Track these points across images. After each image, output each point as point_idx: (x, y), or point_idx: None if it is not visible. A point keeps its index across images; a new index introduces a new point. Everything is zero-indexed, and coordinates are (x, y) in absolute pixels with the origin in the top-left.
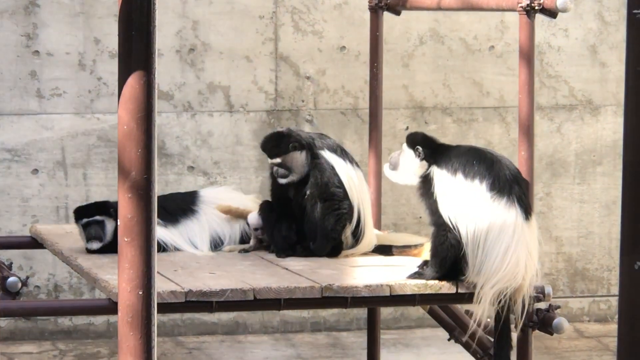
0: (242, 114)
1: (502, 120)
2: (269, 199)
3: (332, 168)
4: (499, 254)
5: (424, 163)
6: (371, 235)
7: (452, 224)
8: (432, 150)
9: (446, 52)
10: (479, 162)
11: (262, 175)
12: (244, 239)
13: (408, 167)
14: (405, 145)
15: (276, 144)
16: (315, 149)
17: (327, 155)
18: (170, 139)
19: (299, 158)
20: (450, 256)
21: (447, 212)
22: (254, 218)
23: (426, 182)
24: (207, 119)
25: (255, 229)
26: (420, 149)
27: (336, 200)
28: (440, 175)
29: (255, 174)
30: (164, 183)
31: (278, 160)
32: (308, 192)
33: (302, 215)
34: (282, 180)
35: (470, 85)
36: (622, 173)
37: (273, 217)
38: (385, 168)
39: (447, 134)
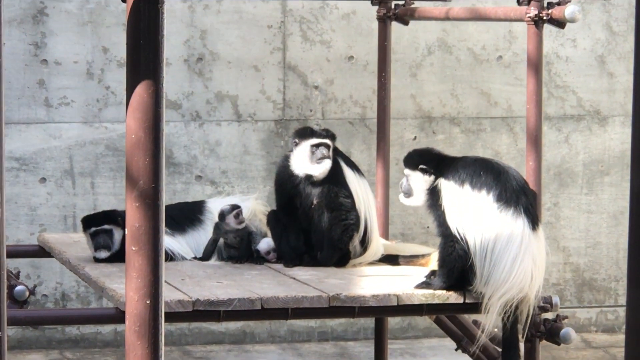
0: (250, 123)
1: (509, 130)
2: (275, 208)
3: (343, 178)
4: (507, 265)
5: (432, 177)
6: (378, 245)
7: (459, 235)
8: (437, 163)
9: (454, 62)
10: (485, 172)
11: (270, 184)
12: (252, 250)
13: (421, 188)
14: (407, 170)
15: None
16: (336, 154)
17: (342, 164)
18: (178, 148)
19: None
20: (457, 267)
21: (455, 223)
22: (264, 243)
23: (433, 194)
24: (215, 128)
25: (267, 253)
26: (424, 167)
27: (344, 210)
28: (448, 187)
29: (262, 183)
30: (172, 192)
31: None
32: (315, 202)
33: (309, 224)
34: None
35: (478, 95)
36: (630, 184)
37: (280, 226)
38: (401, 198)
39: (454, 144)
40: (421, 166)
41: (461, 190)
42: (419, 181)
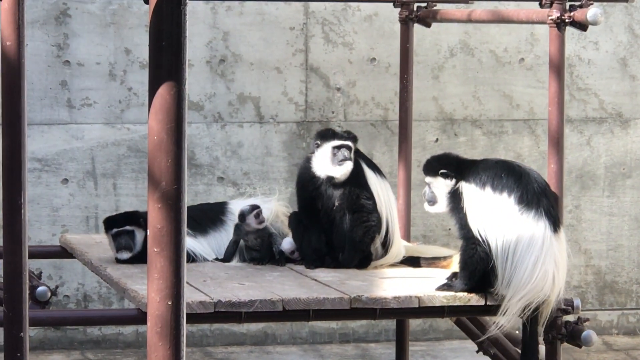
0: (272, 125)
1: (531, 133)
2: (297, 209)
3: (365, 179)
4: (528, 267)
5: (453, 181)
6: (399, 246)
7: (481, 237)
8: (457, 167)
9: (476, 64)
10: (507, 175)
11: (291, 186)
12: (273, 252)
13: (444, 193)
14: (428, 177)
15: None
16: (358, 155)
17: (363, 166)
18: (200, 150)
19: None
20: (479, 269)
21: (477, 225)
22: (287, 243)
23: (455, 196)
24: (237, 130)
25: (292, 253)
26: (445, 171)
27: (365, 212)
28: (469, 190)
29: (284, 184)
30: (194, 193)
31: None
32: (337, 204)
33: (331, 226)
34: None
35: (500, 97)
36: None
37: (301, 228)
38: (426, 207)
39: (476, 147)
40: (442, 171)
41: (482, 193)
42: (442, 187)
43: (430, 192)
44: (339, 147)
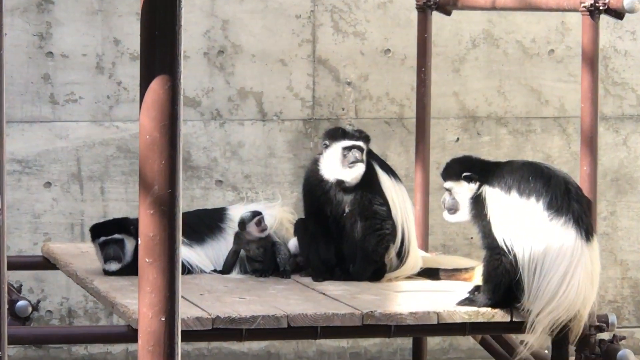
0: (276, 122)
1: (562, 132)
2: (303, 216)
3: (378, 183)
4: (556, 279)
5: (477, 184)
6: (416, 256)
7: (506, 246)
8: (480, 169)
9: (501, 56)
10: (535, 178)
11: (297, 190)
12: (277, 262)
13: (467, 199)
14: (448, 182)
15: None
16: (371, 157)
17: (377, 168)
18: (196, 150)
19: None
20: (504, 281)
21: (502, 234)
22: (295, 244)
23: (478, 202)
24: (238, 128)
25: (296, 255)
26: (469, 174)
27: (378, 219)
28: (493, 195)
29: (290, 189)
30: (190, 198)
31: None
32: (348, 210)
33: (341, 234)
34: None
35: (528, 92)
36: None
37: (308, 236)
38: (446, 216)
39: (501, 147)
40: (465, 174)
41: (508, 198)
42: (464, 192)
43: (451, 199)
44: (349, 148)
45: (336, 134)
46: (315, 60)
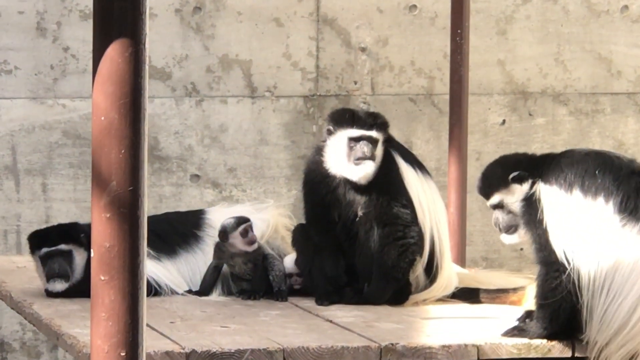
0: (269, 100)
1: (638, 112)
2: (304, 221)
3: (400, 179)
4: (629, 302)
5: (529, 182)
6: (450, 273)
7: (567, 261)
8: (529, 164)
9: (560, 14)
10: (603, 172)
11: (296, 187)
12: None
13: (519, 203)
14: (496, 195)
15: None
16: (390, 146)
17: (399, 160)
18: (166, 136)
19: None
20: (564, 307)
21: (561, 245)
22: (290, 262)
23: (531, 204)
24: (220, 108)
25: (290, 275)
26: (518, 174)
27: (400, 224)
28: (550, 195)
29: (286, 185)
30: (158, 198)
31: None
32: (361, 213)
33: (352, 245)
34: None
35: (594, 61)
36: None
37: (310, 247)
38: (503, 238)
39: (560, 131)
40: (513, 175)
41: (569, 199)
42: (519, 197)
43: (505, 216)
44: (357, 139)
45: (343, 117)
46: (319, 20)
